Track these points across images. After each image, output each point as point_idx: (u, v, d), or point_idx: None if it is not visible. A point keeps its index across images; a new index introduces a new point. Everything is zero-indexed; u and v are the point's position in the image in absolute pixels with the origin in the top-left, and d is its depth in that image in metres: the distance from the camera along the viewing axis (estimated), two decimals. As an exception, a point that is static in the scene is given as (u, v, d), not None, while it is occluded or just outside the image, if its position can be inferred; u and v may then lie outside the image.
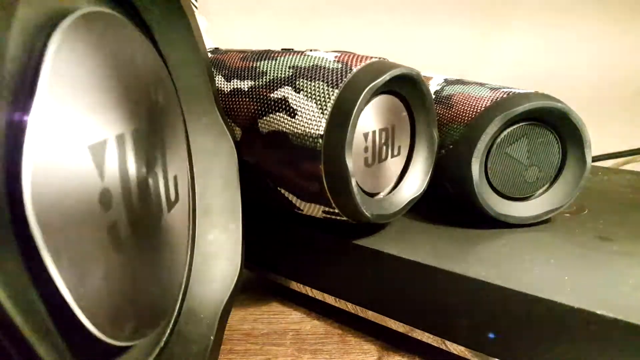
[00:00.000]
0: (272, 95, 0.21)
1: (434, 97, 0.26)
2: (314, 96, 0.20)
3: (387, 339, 0.23)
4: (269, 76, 0.21)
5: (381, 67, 0.20)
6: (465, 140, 0.23)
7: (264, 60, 0.22)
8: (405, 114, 0.23)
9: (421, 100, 0.22)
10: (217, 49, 0.27)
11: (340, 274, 0.24)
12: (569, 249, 0.21)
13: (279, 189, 0.22)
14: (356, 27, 0.48)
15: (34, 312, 0.09)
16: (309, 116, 0.20)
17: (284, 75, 0.21)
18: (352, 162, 0.19)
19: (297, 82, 0.20)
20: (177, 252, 0.17)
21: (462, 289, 0.19)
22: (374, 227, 0.24)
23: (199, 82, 0.20)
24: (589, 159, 0.23)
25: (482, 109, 0.23)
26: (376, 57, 0.21)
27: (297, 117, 0.20)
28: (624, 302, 0.16)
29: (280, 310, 0.26)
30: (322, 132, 0.19)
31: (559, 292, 0.17)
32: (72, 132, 0.10)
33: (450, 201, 0.26)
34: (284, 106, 0.20)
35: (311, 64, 0.21)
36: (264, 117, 0.21)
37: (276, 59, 0.22)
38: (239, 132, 0.22)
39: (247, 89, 0.22)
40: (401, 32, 0.48)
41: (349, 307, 0.24)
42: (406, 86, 0.21)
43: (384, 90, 0.21)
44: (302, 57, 0.21)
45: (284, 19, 0.47)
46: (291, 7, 0.47)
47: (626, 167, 0.49)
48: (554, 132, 0.23)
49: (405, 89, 0.22)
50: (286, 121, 0.20)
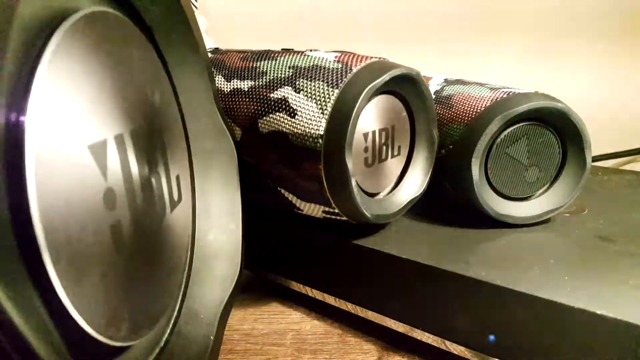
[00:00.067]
0: (272, 95, 0.21)
1: (434, 97, 0.26)
2: (314, 96, 0.20)
3: (387, 339, 0.23)
4: (269, 76, 0.21)
5: (381, 67, 0.20)
6: (465, 140, 0.23)
7: (264, 60, 0.22)
8: (405, 114, 0.23)
9: (421, 100, 0.22)
10: (217, 49, 0.27)
11: (340, 274, 0.24)
12: (569, 249, 0.21)
13: (279, 189, 0.22)
14: (356, 27, 0.48)
15: (33, 312, 0.09)
16: (309, 116, 0.20)
17: (284, 75, 0.21)
18: (352, 162, 0.19)
19: (297, 82, 0.20)
20: (178, 252, 0.17)
21: (462, 289, 0.19)
22: (374, 227, 0.24)
23: (199, 82, 0.20)
24: (589, 159, 0.23)
25: (482, 109, 0.23)
26: (376, 57, 0.21)
27: (297, 117, 0.20)
28: (624, 302, 0.16)
29: (280, 310, 0.26)
30: (322, 132, 0.19)
31: (559, 292, 0.17)
32: (70, 132, 0.10)
33: (450, 201, 0.26)
34: (284, 106, 0.20)
35: (311, 64, 0.21)
36: (264, 117, 0.21)
37: (276, 59, 0.22)
38: (239, 132, 0.22)
39: (247, 89, 0.22)
40: (401, 32, 0.48)
41: (349, 307, 0.24)
42: (406, 86, 0.21)
43: (384, 90, 0.21)
44: (302, 57, 0.21)
45: (284, 19, 0.47)
46: (291, 8, 0.47)
47: (626, 167, 0.49)
48: (554, 132, 0.23)
49: (405, 89, 0.22)
50: (286, 121, 0.20)
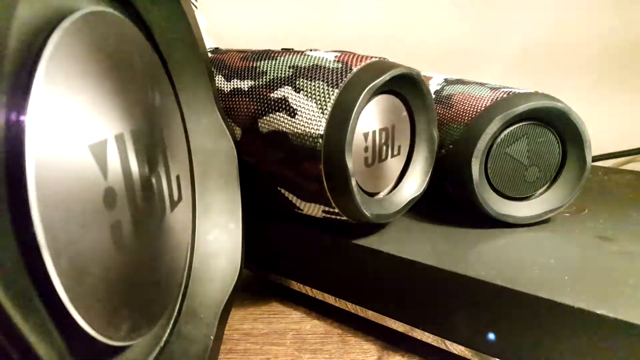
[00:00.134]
0: (272, 95, 0.21)
1: (434, 96, 0.26)
2: (314, 96, 0.20)
3: (387, 339, 0.23)
4: (269, 76, 0.21)
5: (381, 66, 0.20)
6: (465, 140, 0.23)
7: (264, 60, 0.22)
8: (405, 114, 0.23)
9: (421, 100, 0.22)
10: (217, 49, 0.27)
11: (340, 274, 0.24)
12: (569, 249, 0.21)
13: (279, 189, 0.22)
14: (356, 27, 0.48)
15: (33, 312, 0.09)
16: (309, 116, 0.20)
17: (284, 75, 0.21)
18: (352, 162, 0.19)
19: (297, 82, 0.20)
20: (178, 252, 0.17)
21: (462, 289, 0.19)
22: (374, 227, 0.24)
23: (199, 82, 0.20)
24: (589, 159, 0.23)
25: (482, 108, 0.23)
26: (376, 57, 0.21)
27: (297, 117, 0.20)
28: (624, 302, 0.16)
29: (280, 310, 0.26)
30: (322, 132, 0.19)
31: (559, 292, 0.17)
32: (71, 131, 0.10)
33: (450, 201, 0.26)
34: (284, 106, 0.20)
35: (311, 64, 0.21)
36: (264, 117, 0.21)
37: (276, 59, 0.22)
38: (239, 132, 0.22)
39: (247, 89, 0.22)
40: (401, 32, 0.48)
41: (349, 307, 0.24)
42: (406, 86, 0.21)
43: (384, 90, 0.21)
44: (302, 57, 0.21)
45: (284, 18, 0.47)
46: (291, 7, 0.47)
47: (626, 167, 0.49)
48: (554, 132, 0.23)
49: (405, 89, 0.22)
50: (286, 121, 0.20)
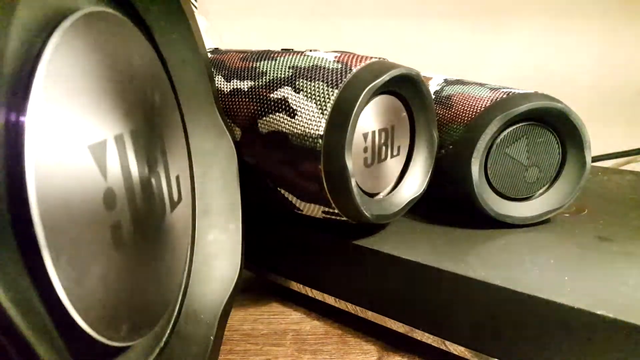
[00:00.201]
0: (272, 95, 0.21)
1: (433, 97, 0.26)
2: (313, 96, 0.20)
3: (387, 339, 0.23)
4: (269, 76, 0.21)
5: (381, 67, 0.20)
6: (465, 140, 0.23)
7: (264, 60, 0.22)
8: (405, 114, 0.23)
9: (421, 100, 0.22)
10: (217, 49, 0.27)
11: (340, 274, 0.24)
12: (569, 249, 0.21)
13: (278, 189, 0.22)
14: (356, 27, 0.48)
15: (34, 312, 0.09)
16: (309, 116, 0.20)
17: (283, 75, 0.21)
18: (351, 162, 0.19)
19: (297, 82, 0.20)
20: (178, 252, 0.17)
21: (462, 289, 0.19)
22: (374, 227, 0.24)
23: (199, 82, 0.20)
24: (588, 159, 0.23)
25: (482, 109, 0.23)
26: (376, 57, 0.21)
27: (297, 117, 0.20)
28: (624, 302, 0.16)
29: (280, 310, 0.26)
30: (322, 133, 0.19)
31: (559, 292, 0.17)
32: (70, 132, 0.10)
33: (450, 201, 0.26)
34: (283, 106, 0.20)
35: (311, 64, 0.21)
36: (264, 117, 0.21)
37: (276, 59, 0.22)
38: (238, 132, 0.22)
39: (247, 89, 0.22)
40: (401, 32, 0.48)
41: (349, 307, 0.24)
42: (406, 86, 0.21)
43: (384, 90, 0.21)
44: (302, 57, 0.21)
45: (284, 19, 0.47)
46: (291, 7, 0.47)
47: (626, 167, 0.49)
48: (554, 132, 0.23)
49: (405, 89, 0.22)
50: (286, 121, 0.20)
